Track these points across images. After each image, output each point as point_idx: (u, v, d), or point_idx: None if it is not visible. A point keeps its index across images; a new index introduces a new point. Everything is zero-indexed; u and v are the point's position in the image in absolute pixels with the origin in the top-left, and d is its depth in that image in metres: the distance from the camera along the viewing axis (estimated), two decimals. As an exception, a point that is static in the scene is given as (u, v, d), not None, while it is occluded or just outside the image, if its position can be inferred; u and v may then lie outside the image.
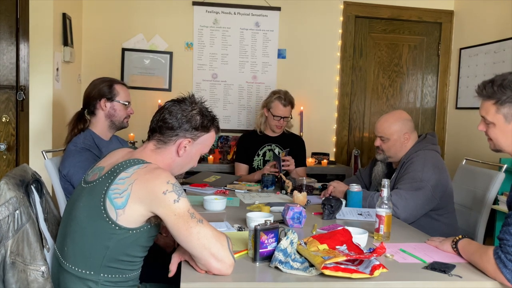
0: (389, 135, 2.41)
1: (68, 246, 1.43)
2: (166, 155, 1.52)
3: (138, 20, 3.88)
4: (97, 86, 2.32)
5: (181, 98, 1.56)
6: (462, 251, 1.57)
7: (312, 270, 1.37)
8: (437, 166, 2.30)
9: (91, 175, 1.49)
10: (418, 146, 2.39)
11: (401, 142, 2.40)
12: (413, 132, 2.45)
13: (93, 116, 2.33)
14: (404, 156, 2.39)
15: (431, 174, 2.24)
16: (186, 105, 1.53)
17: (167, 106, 1.53)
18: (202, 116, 1.54)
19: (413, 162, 2.30)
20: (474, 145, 3.77)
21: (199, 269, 1.37)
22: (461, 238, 1.61)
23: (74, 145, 2.22)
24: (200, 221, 1.36)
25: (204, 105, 1.58)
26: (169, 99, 1.58)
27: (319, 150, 4.06)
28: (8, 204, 1.38)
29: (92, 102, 2.30)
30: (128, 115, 2.40)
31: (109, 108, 2.31)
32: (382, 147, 2.46)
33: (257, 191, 2.72)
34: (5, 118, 3.04)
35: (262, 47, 4.03)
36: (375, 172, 2.57)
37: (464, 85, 3.99)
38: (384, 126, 2.43)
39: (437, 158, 2.35)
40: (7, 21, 3.00)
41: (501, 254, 1.37)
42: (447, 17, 4.21)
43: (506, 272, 1.35)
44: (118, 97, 2.32)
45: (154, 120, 1.54)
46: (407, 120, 2.44)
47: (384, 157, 2.49)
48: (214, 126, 1.59)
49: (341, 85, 4.14)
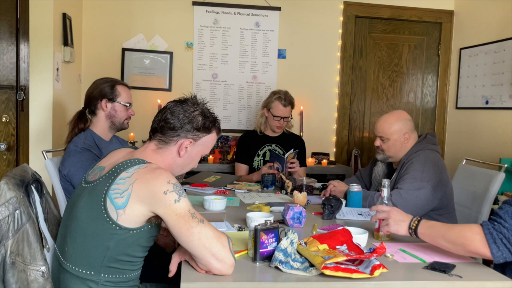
0: (389, 135, 2.41)
1: (69, 246, 1.43)
2: (167, 155, 1.52)
3: (138, 20, 3.88)
4: (99, 86, 2.32)
5: (183, 99, 1.56)
6: (424, 236, 1.58)
7: (312, 270, 1.37)
8: (437, 166, 2.30)
9: (92, 175, 1.49)
10: (418, 146, 2.39)
11: (401, 142, 2.40)
12: (413, 132, 2.45)
13: (93, 116, 2.33)
14: (404, 156, 2.39)
15: (431, 174, 2.25)
16: (188, 105, 1.53)
17: (169, 106, 1.53)
18: (204, 117, 1.54)
19: (413, 162, 2.30)
20: (474, 145, 3.77)
21: (200, 269, 1.37)
22: (417, 222, 1.60)
23: (74, 145, 2.22)
24: (201, 221, 1.36)
25: (206, 106, 1.58)
26: (169, 99, 1.59)
27: (319, 150, 4.06)
28: (8, 204, 1.38)
29: (93, 102, 2.30)
30: (129, 116, 2.40)
31: (110, 109, 2.31)
32: (382, 147, 2.46)
33: (257, 191, 2.72)
34: (5, 118, 3.04)
35: (262, 47, 4.03)
36: (375, 172, 2.57)
37: (464, 85, 3.99)
38: (384, 126, 2.43)
39: (437, 158, 2.35)
40: (7, 21, 3.00)
41: (493, 231, 1.42)
42: (447, 17, 4.21)
43: (493, 248, 1.40)
44: (120, 98, 2.32)
45: (156, 120, 1.54)
46: (407, 120, 2.44)
47: (384, 157, 2.49)
48: (216, 127, 1.59)
49: (341, 85, 4.14)
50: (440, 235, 1.54)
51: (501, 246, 1.40)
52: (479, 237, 1.43)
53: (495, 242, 1.40)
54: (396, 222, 1.65)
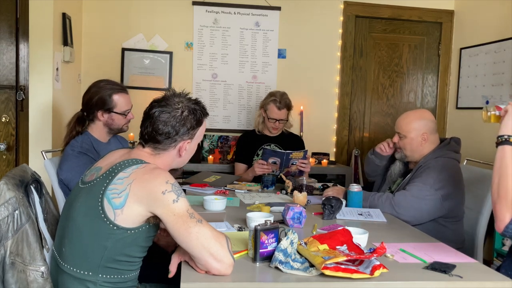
0: (406, 132, 2.35)
1: (66, 247, 1.42)
2: (166, 158, 1.52)
3: (138, 20, 3.87)
4: (96, 94, 2.26)
5: (162, 99, 1.50)
6: (496, 159, 1.57)
7: (313, 270, 1.37)
8: (453, 176, 2.22)
9: (89, 175, 1.49)
10: (439, 151, 2.31)
11: (418, 142, 2.33)
12: (434, 134, 2.36)
13: (91, 122, 2.32)
14: (422, 159, 2.32)
15: (444, 183, 2.18)
16: (173, 108, 1.48)
17: (155, 115, 1.47)
18: (193, 113, 1.51)
19: (430, 168, 2.23)
20: (475, 146, 3.76)
21: (199, 270, 1.37)
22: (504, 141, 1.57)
23: (71, 149, 2.21)
24: (200, 221, 1.36)
25: (188, 98, 1.53)
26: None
27: (319, 150, 4.05)
28: (7, 204, 1.38)
29: (90, 110, 2.28)
30: (128, 120, 2.38)
31: (107, 118, 2.29)
32: (398, 144, 2.40)
33: (257, 191, 2.72)
34: (5, 118, 3.04)
35: (262, 47, 4.02)
36: (392, 170, 2.51)
37: (465, 85, 3.99)
38: (403, 122, 2.38)
39: (456, 168, 2.28)
40: (7, 21, 3.00)
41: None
42: (448, 17, 4.20)
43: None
44: (117, 108, 2.28)
45: (146, 131, 1.48)
46: (429, 121, 2.36)
47: (401, 156, 2.43)
48: (205, 115, 1.57)
49: (341, 85, 4.13)
50: (498, 175, 1.55)
51: None
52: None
53: None
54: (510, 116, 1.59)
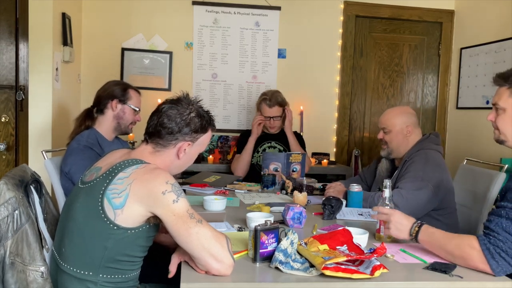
0: (391, 126, 2.42)
1: (66, 247, 1.42)
2: (165, 157, 1.52)
3: (138, 20, 3.87)
4: (112, 87, 2.38)
5: (176, 99, 1.54)
6: (425, 243, 1.58)
7: (313, 271, 1.37)
8: (439, 166, 2.29)
9: (88, 175, 1.49)
10: (420, 144, 2.39)
11: (404, 135, 2.41)
12: (417, 127, 2.47)
13: (101, 114, 2.36)
14: (406, 154, 2.39)
15: (432, 173, 2.24)
16: (183, 107, 1.51)
17: (164, 109, 1.51)
18: (200, 118, 1.53)
19: (415, 161, 2.30)
20: (475, 145, 3.76)
21: (199, 270, 1.37)
22: (418, 229, 1.59)
23: (77, 143, 2.24)
24: (200, 221, 1.36)
25: (200, 105, 1.57)
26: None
27: (319, 150, 4.05)
28: (7, 204, 1.38)
29: (104, 101, 2.35)
30: (135, 121, 2.44)
31: (119, 110, 2.36)
32: (384, 139, 2.46)
33: (257, 191, 2.72)
34: (5, 118, 3.04)
35: (262, 46, 4.02)
36: (380, 169, 2.58)
37: (465, 85, 3.99)
38: (386, 118, 2.47)
39: (439, 158, 2.34)
40: (7, 21, 2.99)
41: (490, 246, 1.41)
42: (448, 17, 4.20)
43: (493, 264, 1.40)
44: (130, 102, 2.39)
45: (152, 124, 1.51)
46: (411, 114, 2.46)
47: (387, 152, 2.48)
48: (211, 125, 1.59)
49: (342, 85, 4.13)
50: (439, 246, 1.53)
51: (500, 260, 1.39)
52: (477, 253, 1.42)
53: (494, 258, 1.39)
54: (397, 227, 1.63)
